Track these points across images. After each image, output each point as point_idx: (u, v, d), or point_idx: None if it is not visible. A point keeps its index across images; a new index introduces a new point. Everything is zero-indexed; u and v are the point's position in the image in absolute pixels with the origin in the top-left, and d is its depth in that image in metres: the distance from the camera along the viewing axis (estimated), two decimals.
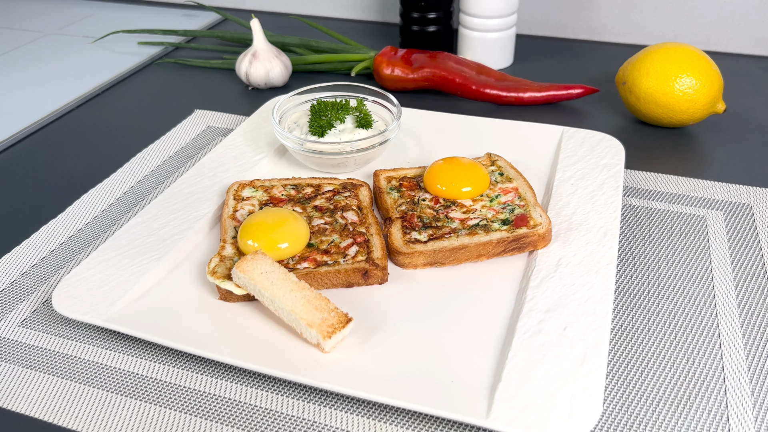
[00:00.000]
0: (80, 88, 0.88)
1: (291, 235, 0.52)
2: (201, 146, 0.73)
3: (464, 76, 0.81)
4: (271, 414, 0.43)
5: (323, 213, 0.57)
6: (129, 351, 0.47)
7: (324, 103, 0.66)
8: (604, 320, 0.46)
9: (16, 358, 0.47)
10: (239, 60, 0.86)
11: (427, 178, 0.59)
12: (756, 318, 0.49)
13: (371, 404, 0.43)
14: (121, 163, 0.70)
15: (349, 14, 1.14)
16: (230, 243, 0.53)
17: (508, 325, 0.47)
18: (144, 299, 0.49)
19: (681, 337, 0.47)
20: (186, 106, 0.82)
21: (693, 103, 0.70)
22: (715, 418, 0.42)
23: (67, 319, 0.50)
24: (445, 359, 0.44)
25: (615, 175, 0.61)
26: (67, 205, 0.63)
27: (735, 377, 0.44)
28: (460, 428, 0.41)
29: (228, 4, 1.20)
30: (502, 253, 0.53)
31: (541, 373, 0.42)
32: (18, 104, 0.85)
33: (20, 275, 0.55)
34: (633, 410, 0.42)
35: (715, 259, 0.55)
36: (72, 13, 1.20)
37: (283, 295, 0.46)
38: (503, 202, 0.57)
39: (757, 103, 0.81)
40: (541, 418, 0.39)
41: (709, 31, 0.96)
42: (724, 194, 0.63)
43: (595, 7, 0.99)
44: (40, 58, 1.00)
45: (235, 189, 0.60)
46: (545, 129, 0.70)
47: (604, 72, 0.88)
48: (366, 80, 0.89)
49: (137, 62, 0.97)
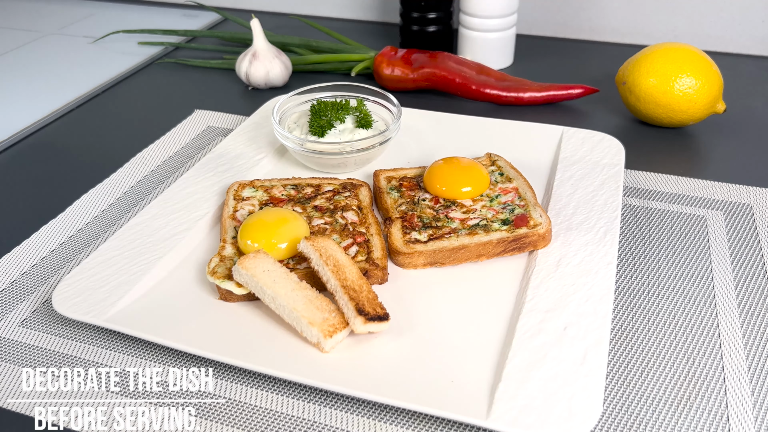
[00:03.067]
0: (80, 88, 0.88)
1: (291, 235, 0.52)
2: (201, 146, 0.73)
3: (464, 76, 0.81)
4: (271, 414, 0.43)
5: (323, 213, 0.57)
6: (129, 351, 0.47)
7: (324, 103, 0.66)
8: (604, 320, 0.46)
9: (16, 358, 0.47)
10: (239, 60, 0.86)
11: (427, 178, 0.59)
12: (756, 318, 0.49)
13: (371, 404, 0.43)
14: (121, 163, 0.70)
15: (349, 14, 1.14)
16: (230, 243, 0.53)
17: (508, 325, 0.47)
18: (144, 299, 0.49)
19: (681, 337, 0.47)
20: (186, 106, 0.82)
21: (693, 103, 0.70)
22: (715, 418, 0.42)
23: (67, 319, 0.50)
24: (445, 359, 0.44)
25: (615, 175, 0.61)
26: (67, 205, 0.63)
27: (735, 377, 0.44)
28: (460, 428, 0.41)
29: (228, 4, 1.20)
30: (502, 253, 0.53)
31: (541, 373, 0.42)
32: (18, 104, 0.85)
33: (20, 275, 0.55)
34: (633, 410, 0.42)
35: (715, 259, 0.55)
36: (72, 13, 1.20)
37: (285, 294, 0.46)
38: (503, 202, 0.57)
39: (757, 103, 0.81)
40: (541, 418, 0.39)
41: (709, 31, 0.96)
42: (724, 194, 0.63)
43: (595, 7, 0.99)
44: (40, 58, 1.00)
45: (235, 189, 0.60)
46: (545, 129, 0.70)
47: (604, 72, 0.88)
48: (366, 80, 0.89)
49: (137, 62, 0.97)
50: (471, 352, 0.45)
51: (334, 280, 0.47)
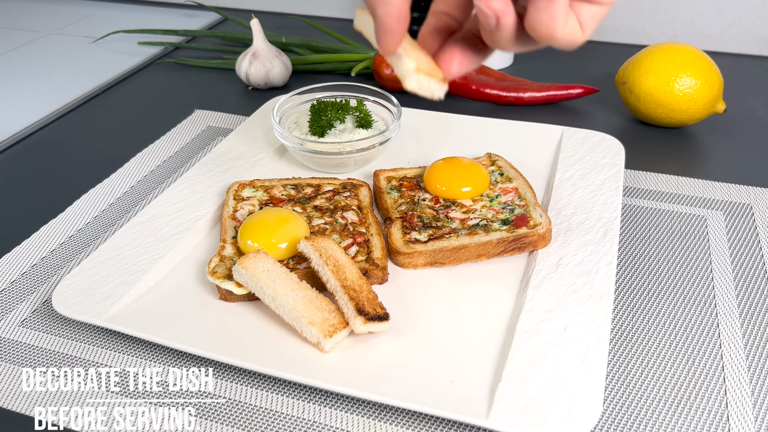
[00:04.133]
0: (80, 88, 0.88)
1: (291, 235, 0.52)
2: (201, 146, 0.73)
3: (464, 76, 0.81)
4: (271, 414, 0.43)
5: (323, 213, 0.57)
6: (129, 351, 0.47)
7: (324, 103, 0.66)
8: (604, 320, 0.46)
9: (16, 358, 0.47)
10: (239, 60, 0.86)
11: (427, 178, 0.59)
12: (756, 318, 0.49)
13: (371, 404, 0.43)
14: (121, 163, 0.70)
15: (349, 14, 1.14)
16: (230, 243, 0.53)
17: (508, 325, 0.47)
18: (144, 299, 0.49)
19: (681, 337, 0.47)
20: (186, 106, 0.82)
21: (693, 103, 0.70)
22: (715, 418, 0.42)
23: (67, 319, 0.50)
24: (445, 359, 0.44)
25: (615, 175, 0.61)
26: (67, 205, 0.63)
27: (735, 377, 0.44)
28: (460, 428, 0.41)
29: (228, 4, 1.20)
30: (502, 253, 0.53)
31: (541, 373, 0.42)
32: (18, 104, 0.85)
33: (20, 275, 0.55)
34: (633, 410, 0.42)
35: (715, 259, 0.55)
36: (72, 13, 1.20)
37: (285, 294, 0.46)
38: (503, 202, 0.57)
39: (757, 103, 0.81)
40: (541, 418, 0.39)
41: (709, 31, 0.96)
42: (724, 194, 0.63)
43: None
44: (40, 58, 1.00)
45: (235, 189, 0.60)
46: (545, 129, 0.70)
47: (604, 72, 0.88)
48: (366, 80, 0.89)
49: (137, 62, 0.97)
50: (471, 352, 0.45)
51: (334, 280, 0.47)
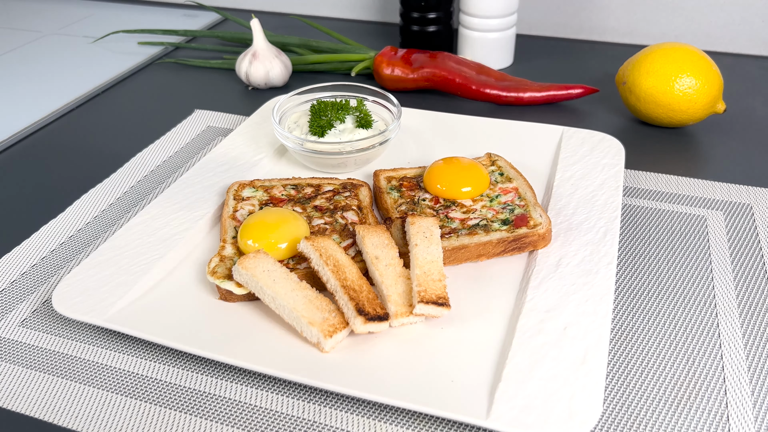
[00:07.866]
0: (80, 88, 0.88)
1: (291, 235, 0.52)
2: (201, 146, 0.73)
3: (464, 76, 0.81)
4: (271, 414, 0.43)
5: (323, 213, 0.57)
6: (129, 351, 0.47)
7: (324, 103, 0.66)
8: (604, 320, 0.46)
9: (16, 358, 0.47)
10: (239, 60, 0.86)
11: (427, 178, 0.59)
12: (756, 318, 0.49)
13: (371, 404, 0.43)
14: (121, 163, 0.70)
15: (349, 14, 1.14)
16: (230, 243, 0.53)
17: (508, 325, 0.47)
18: (144, 299, 0.49)
19: (681, 337, 0.47)
20: (186, 106, 0.82)
21: (693, 103, 0.70)
22: (715, 418, 0.42)
23: (67, 319, 0.50)
24: (445, 359, 0.44)
25: (615, 175, 0.61)
26: (67, 205, 0.63)
27: (735, 377, 0.44)
28: (460, 428, 0.41)
29: (228, 4, 1.20)
30: (502, 253, 0.53)
31: (541, 373, 0.42)
32: (18, 104, 0.85)
33: (20, 275, 0.55)
34: (633, 410, 0.42)
35: (715, 259, 0.55)
36: (72, 13, 1.20)
37: (285, 294, 0.46)
38: (503, 202, 0.57)
39: (757, 103, 0.81)
40: (541, 418, 0.39)
41: (709, 31, 0.96)
42: (724, 194, 0.63)
43: (595, 7, 0.99)
44: (40, 58, 1.00)
45: (235, 189, 0.60)
46: (545, 129, 0.70)
47: (604, 72, 0.88)
48: (366, 80, 0.89)
49: (137, 62, 0.97)
50: (471, 352, 0.45)
51: (334, 280, 0.47)
